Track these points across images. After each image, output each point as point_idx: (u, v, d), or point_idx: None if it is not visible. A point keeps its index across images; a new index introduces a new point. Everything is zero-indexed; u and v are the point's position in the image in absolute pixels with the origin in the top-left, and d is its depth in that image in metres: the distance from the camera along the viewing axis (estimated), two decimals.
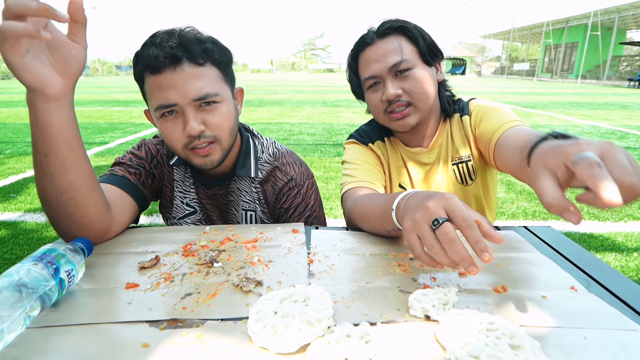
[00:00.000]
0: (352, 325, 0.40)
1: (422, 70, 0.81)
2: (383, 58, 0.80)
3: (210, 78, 0.69)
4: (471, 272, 0.44)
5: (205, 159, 0.71)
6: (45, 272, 0.44)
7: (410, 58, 0.79)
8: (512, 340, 0.38)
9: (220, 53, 0.71)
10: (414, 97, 0.80)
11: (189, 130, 0.67)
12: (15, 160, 3.68)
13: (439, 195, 0.49)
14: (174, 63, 0.65)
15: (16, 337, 0.40)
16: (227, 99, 0.72)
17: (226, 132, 0.72)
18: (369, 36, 0.82)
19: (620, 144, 4.62)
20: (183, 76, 0.66)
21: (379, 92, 0.82)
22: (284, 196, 0.83)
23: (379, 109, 0.84)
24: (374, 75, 0.81)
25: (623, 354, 0.39)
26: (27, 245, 1.99)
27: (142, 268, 0.55)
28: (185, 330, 0.42)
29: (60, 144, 0.56)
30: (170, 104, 0.67)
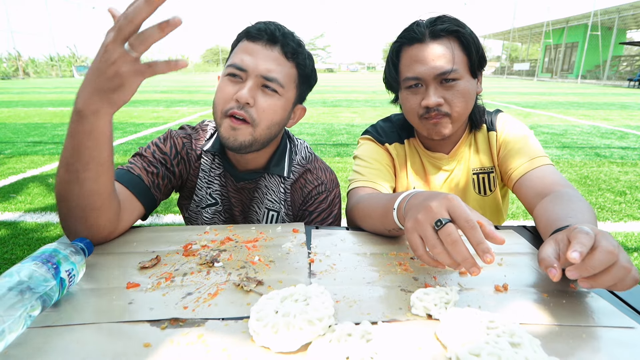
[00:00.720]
0: (353, 324, 0.40)
1: (467, 83, 0.77)
2: (432, 62, 0.74)
3: (286, 72, 0.73)
4: (473, 272, 0.44)
5: (233, 132, 0.71)
6: (45, 272, 0.44)
7: (460, 68, 0.75)
8: (512, 338, 0.38)
9: (308, 69, 0.77)
10: (454, 109, 0.77)
11: (239, 95, 0.69)
12: (15, 160, 3.68)
13: (441, 196, 0.49)
14: (270, 40, 0.71)
15: (17, 337, 0.40)
16: (286, 98, 0.75)
17: (266, 123, 0.72)
18: (420, 32, 0.76)
19: (620, 143, 4.62)
20: (268, 54, 0.71)
21: (419, 96, 0.78)
22: (312, 199, 0.84)
23: (415, 112, 0.80)
24: (417, 77, 0.76)
25: (622, 351, 0.40)
26: (27, 245, 1.99)
27: (143, 268, 0.55)
28: (186, 329, 0.42)
29: (106, 152, 0.56)
30: (242, 68, 0.70)
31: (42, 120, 6.23)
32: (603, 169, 3.51)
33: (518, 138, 0.84)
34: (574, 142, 4.71)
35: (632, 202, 2.70)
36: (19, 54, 31.70)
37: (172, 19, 0.45)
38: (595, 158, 3.90)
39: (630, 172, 3.41)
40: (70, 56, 37.94)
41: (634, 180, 3.20)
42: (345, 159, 3.79)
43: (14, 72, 30.33)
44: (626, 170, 3.46)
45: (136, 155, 0.78)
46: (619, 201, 2.71)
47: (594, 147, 4.40)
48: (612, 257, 0.42)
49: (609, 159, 3.85)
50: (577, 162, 3.74)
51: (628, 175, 3.33)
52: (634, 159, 3.88)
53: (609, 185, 3.06)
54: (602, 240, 0.44)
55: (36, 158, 3.74)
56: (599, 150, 4.27)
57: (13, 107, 8.25)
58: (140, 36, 0.47)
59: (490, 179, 0.89)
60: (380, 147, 0.90)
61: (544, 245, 0.49)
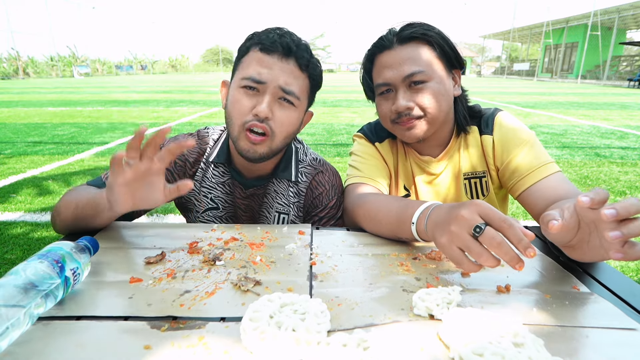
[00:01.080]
0: (347, 334, 0.39)
1: (438, 84, 0.76)
2: (399, 66, 0.75)
3: (300, 83, 0.74)
4: (520, 268, 0.45)
5: (252, 147, 0.72)
6: (51, 270, 0.44)
7: (427, 70, 0.75)
8: (515, 339, 0.38)
9: (318, 76, 0.78)
10: (427, 111, 0.76)
11: (258, 109, 0.69)
12: (15, 160, 3.68)
13: (467, 203, 0.49)
14: (284, 53, 0.71)
15: (21, 334, 0.40)
16: (301, 109, 0.76)
17: (283, 134, 0.74)
18: (389, 39, 0.77)
19: (620, 144, 4.62)
20: (283, 67, 0.71)
21: (390, 101, 0.78)
22: (321, 204, 0.84)
23: (387, 118, 0.80)
24: (387, 82, 0.77)
25: (624, 352, 0.40)
26: (27, 245, 1.99)
27: (148, 263, 0.56)
28: (186, 332, 0.42)
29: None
30: (260, 81, 0.70)
31: (42, 120, 6.23)
32: (603, 169, 3.51)
33: (521, 145, 0.79)
34: (573, 142, 4.71)
35: None
36: (18, 54, 31.69)
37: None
38: (595, 158, 3.90)
39: (630, 172, 3.41)
40: (70, 56, 37.92)
41: (633, 180, 3.20)
42: (346, 159, 3.79)
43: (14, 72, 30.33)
44: (626, 170, 3.46)
45: None
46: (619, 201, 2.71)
47: (594, 147, 4.40)
48: None
49: (608, 159, 3.85)
50: (577, 162, 3.74)
51: (628, 175, 3.33)
52: (634, 159, 3.88)
53: (609, 185, 3.06)
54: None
55: (36, 158, 3.74)
56: (599, 150, 4.27)
57: (13, 107, 8.25)
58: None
59: (483, 184, 0.87)
60: (372, 146, 0.90)
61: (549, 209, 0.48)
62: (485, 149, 0.84)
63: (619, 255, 0.44)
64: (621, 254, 0.44)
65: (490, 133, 0.83)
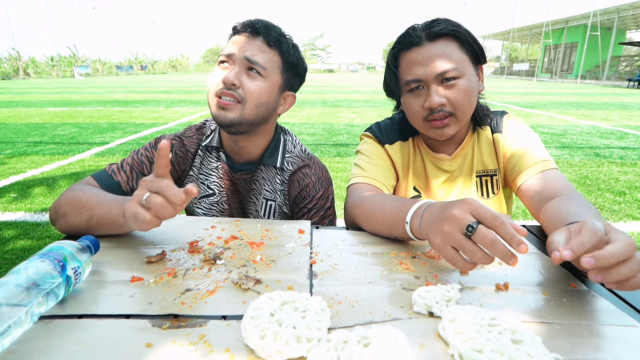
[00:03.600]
0: (347, 331, 0.39)
1: (468, 81, 0.76)
2: (431, 63, 0.75)
3: (269, 58, 0.80)
4: (514, 263, 0.45)
5: (222, 111, 0.78)
6: (52, 269, 0.44)
7: (459, 67, 0.75)
8: (513, 336, 0.38)
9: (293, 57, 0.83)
10: (457, 108, 0.76)
11: (225, 78, 0.76)
12: (15, 160, 3.68)
13: (458, 202, 0.49)
14: (253, 32, 0.79)
15: (22, 333, 0.40)
16: (271, 82, 0.81)
17: (254, 102, 0.79)
18: (417, 35, 0.77)
19: (620, 144, 4.63)
20: (250, 42, 0.79)
21: (421, 98, 0.78)
22: (308, 196, 0.88)
23: (419, 115, 0.79)
24: (418, 79, 0.76)
25: (623, 349, 0.40)
26: (29, 245, 1.99)
27: (149, 262, 0.56)
28: (188, 330, 0.42)
29: None
30: (229, 54, 0.78)
31: (42, 120, 6.24)
32: (602, 169, 3.51)
33: (524, 142, 0.83)
34: (573, 142, 4.71)
35: (631, 202, 2.71)
36: (19, 54, 31.69)
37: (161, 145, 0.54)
38: (594, 158, 3.90)
39: (630, 172, 3.41)
40: (70, 56, 37.92)
41: (633, 180, 3.20)
42: (345, 159, 3.79)
43: (15, 72, 30.33)
44: (625, 170, 3.47)
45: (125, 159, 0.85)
46: (619, 201, 2.71)
47: (594, 147, 4.40)
48: (630, 249, 0.43)
49: (608, 159, 3.86)
50: (577, 162, 3.75)
51: (627, 175, 3.34)
52: (634, 159, 3.88)
53: (609, 185, 3.06)
54: (618, 235, 0.44)
55: (36, 158, 3.74)
56: (599, 150, 4.27)
57: (13, 107, 8.25)
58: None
59: (494, 182, 0.88)
60: (381, 148, 0.90)
61: (556, 232, 0.49)
62: (497, 147, 0.87)
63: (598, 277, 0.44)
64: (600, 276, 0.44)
65: (501, 132, 0.86)
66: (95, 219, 0.63)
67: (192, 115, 6.85)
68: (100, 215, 0.63)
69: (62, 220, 0.68)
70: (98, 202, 0.65)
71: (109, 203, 0.63)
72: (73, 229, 0.66)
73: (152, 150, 0.86)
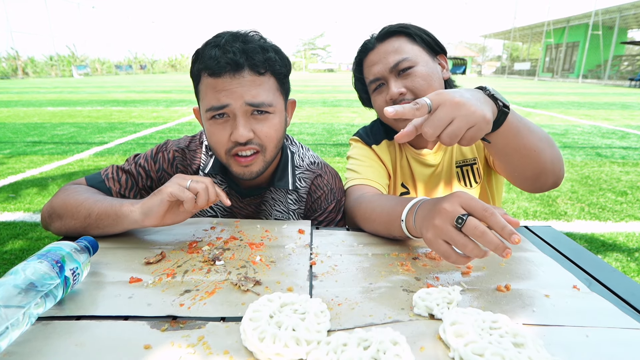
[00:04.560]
0: (347, 333, 0.39)
1: (425, 67, 0.79)
2: (384, 59, 0.79)
3: (267, 88, 0.68)
4: (507, 255, 0.45)
5: (246, 169, 0.71)
6: (50, 270, 0.44)
7: (410, 56, 0.78)
8: (515, 339, 0.38)
9: (282, 64, 0.71)
10: (419, 95, 0.77)
11: (237, 136, 0.66)
12: (15, 160, 3.68)
13: (449, 196, 0.50)
14: (234, 69, 0.65)
15: (20, 334, 0.40)
16: (279, 110, 0.72)
17: (273, 144, 0.72)
18: (370, 42, 0.83)
19: (622, 143, 4.62)
20: (241, 82, 0.65)
21: (384, 94, 0.81)
22: (320, 208, 0.83)
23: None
24: (377, 77, 0.81)
25: (624, 351, 0.40)
26: (27, 246, 1.99)
27: (148, 263, 0.56)
28: (186, 331, 0.42)
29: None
30: (223, 105, 0.66)
31: (41, 120, 6.24)
32: (604, 168, 3.51)
33: None
34: (575, 141, 4.70)
35: (633, 202, 2.70)
36: (18, 53, 31.69)
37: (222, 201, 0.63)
38: (596, 158, 3.90)
39: (632, 172, 3.41)
40: (69, 56, 37.89)
41: (635, 180, 3.19)
42: (345, 159, 3.78)
43: (13, 72, 30.34)
44: (627, 170, 3.46)
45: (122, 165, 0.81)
46: (620, 201, 2.71)
47: (595, 147, 4.39)
48: (454, 110, 0.48)
49: (610, 159, 3.85)
50: (578, 162, 3.74)
51: (629, 175, 3.33)
52: (635, 159, 3.87)
53: (610, 185, 3.05)
54: (430, 117, 0.49)
55: (35, 158, 3.74)
56: (600, 150, 4.26)
57: (12, 106, 8.25)
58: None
59: (474, 171, 0.90)
60: (369, 149, 0.91)
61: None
62: None
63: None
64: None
65: None
66: (94, 214, 0.62)
67: (192, 115, 6.85)
68: (101, 210, 0.62)
69: (57, 222, 0.67)
70: (97, 200, 0.64)
71: (110, 200, 0.64)
72: (70, 229, 0.65)
73: (151, 162, 0.80)
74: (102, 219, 0.62)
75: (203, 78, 0.68)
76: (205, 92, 0.68)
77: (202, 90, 0.69)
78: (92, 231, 0.63)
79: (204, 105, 0.69)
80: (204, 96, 0.68)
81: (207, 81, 0.67)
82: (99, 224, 0.62)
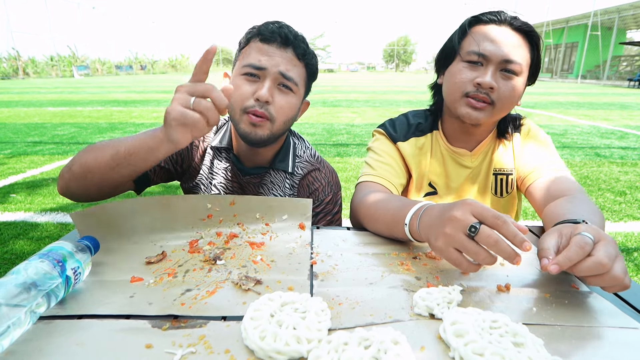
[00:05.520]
0: (348, 332, 0.39)
1: (521, 82, 0.77)
2: (503, 45, 0.74)
3: (299, 72, 0.77)
4: (517, 262, 0.45)
5: (253, 128, 0.74)
6: (52, 269, 0.44)
7: (523, 64, 0.75)
8: (515, 338, 0.38)
9: (315, 65, 0.82)
10: (500, 100, 0.76)
11: (260, 94, 0.72)
12: (15, 160, 3.68)
13: (459, 203, 0.49)
14: (283, 43, 0.75)
15: (22, 333, 0.40)
16: (299, 95, 0.79)
17: (283, 119, 0.77)
18: (501, 17, 0.76)
19: (620, 143, 4.62)
20: (282, 55, 0.75)
21: (475, 73, 0.76)
22: (317, 200, 0.87)
23: (462, 88, 0.77)
24: (484, 54, 0.74)
25: (624, 352, 0.40)
26: (27, 246, 1.99)
27: (149, 263, 0.56)
28: (188, 330, 0.42)
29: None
30: (261, 67, 0.73)
31: (42, 120, 6.23)
32: (603, 169, 3.51)
33: (539, 143, 0.85)
34: (574, 142, 4.71)
35: (632, 202, 2.71)
36: (18, 53, 31.68)
37: (209, 47, 0.54)
38: (595, 158, 3.90)
39: (630, 172, 3.41)
40: (70, 56, 37.91)
41: (634, 180, 3.20)
42: (345, 159, 3.79)
43: (14, 72, 30.32)
44: (626, 170, 3.47)
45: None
46: (619, 201, 2.71)
47: (594, 147, 4.40)
48: (600, 268, 0.44)
49: (609, 159, 3.85)
50: (577, 162, 3.74)
51: (628, 175, 3.33)
52: (634, 159, 3.88)
53: (609, 185, 3.06)
54: (600, 250, 0.45)
55: (36, 158, 3.74)
56: (599, 150, 4.27)
57: (13, 107, 8.24)
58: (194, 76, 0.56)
59: (509, 181, 0.88)
60: (392, 144, 0.89)
61: (548, 234, 0.50)
62: (515, 147, 0.88)
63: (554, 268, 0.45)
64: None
65: (519, 132, 0.88)
66: (122, 150, 0.60)
67: None
68: (129, 144, 0.60)
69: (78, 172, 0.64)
70: (121, 139, 0.62)
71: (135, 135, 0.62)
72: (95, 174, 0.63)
73: None
74: (132, 155, 0.60)
75: (252, 42, 0.76)
76: (249, 53, 0.76)
77: (246, 52, 0.76)
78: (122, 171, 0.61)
79: (242, 62, 0.76)
80: (247, 56, 0.76)
81: (256, 44, 0.76)
82: (129, 160, 0.60)
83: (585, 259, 0.44)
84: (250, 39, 0.77)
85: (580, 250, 0.44)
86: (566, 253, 0.45)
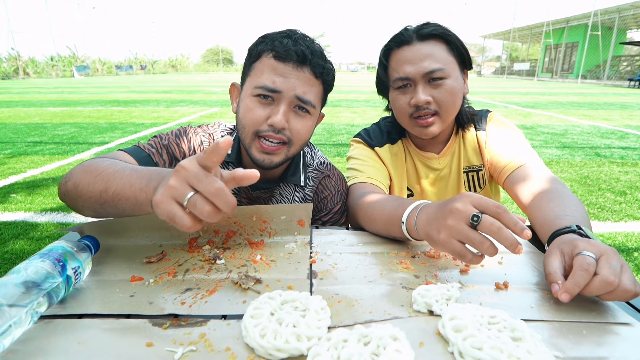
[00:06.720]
0: (347, 330, 0.39)
1: (454, 82, 0.79)
2: (419, 61, 0.77)
3: (316, 91, 0.72)
4: (519, 251, 0.45)
5: (266, 157, 0.71)
6: (52, 269, 0.44)
7: (446, 68, 0.78)
8: (513, 333, 0.39)
9: (332, 79, 0.76)
10: (442, 107, 0.79)
11: (275, 121, 0.67)
12: (15, 160, 3.68)
13: (458, 197, 0.50)
14: (299, 62, 0.69)
15: (23, 332, 0.41)
16: (315, 115, 0.75)
17: (300, 142, 0.73)
18: (408, 35, 0.79)
19: (621, 143, 4.62)
20: (299, 76, 0.69)
21: (408, 95, 0.80)
22: (325, 208, 0.84)
23: (405, 112, 0.82)
24: (406, 77, 0.79)
25: (621, 347, 0.40)
26: (27, 246, 1.99)
27: (149, 262, 0.56)
28: (188, 329, 0.42)
29: None
30: (276, 90, 0.68)
31: (42, 120, 6.24)
32: (603, 169, 3.51)
33: (506, 138, 0.86)
34: (574, 142, 4.71)
35: (632, 202, 2.71)
36: (18, 54, 31.70)
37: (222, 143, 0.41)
38: (595, 158, 3.90)
39: (631, 172, 3.41)
40: (70, 56, 37.93)
41: (634, 180, 3.20)
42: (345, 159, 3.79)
43: (14, 72, 30.34)
44: (626, 170, 3.47)
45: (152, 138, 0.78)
46: (619, 201, 2.71)
47: (594, 147, 4.40)
48: (608, 286, 0.43)
49: (609, 159, 3.85)
50: (578, 162, 3.74)
51: (628, 175, 3.33)
52: (634, 159, 3.88)
53: (609, 185, 3.06)
54: (604, 267, 0.44)
55: (36, 158, 3.74)
56: (599, 150, 4.27)
57: (13, 107, 8.25)
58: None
59: (480, 177, 0.92)
60: (371, 151, 0.91)
61: (551, 256, 0.50)
62: (480, 144, 0.90)
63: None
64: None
65: (484, 129, 0.89)
66: (111, 191, 0.52)
67: (192, 115, 6.85)
68: (119, 186, 0.51)
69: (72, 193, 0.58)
70: (117, 171, 0.53)
71: (130, 173, 0.52)
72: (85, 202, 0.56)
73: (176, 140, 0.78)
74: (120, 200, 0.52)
75: (265, 58, 0.70)
76: (261, 70, 0.70)
77: (259, 68, 0.70)
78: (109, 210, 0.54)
79: (254, 81, 0.70)
80: (259, 74, 0.70)
81: (269, 62, 0.69)
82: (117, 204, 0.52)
83: (592, 279, 0.44)
84: (262, 52, 0.70)
85: (585, 273, 0.44)
86: (573, 279, 0.45)
